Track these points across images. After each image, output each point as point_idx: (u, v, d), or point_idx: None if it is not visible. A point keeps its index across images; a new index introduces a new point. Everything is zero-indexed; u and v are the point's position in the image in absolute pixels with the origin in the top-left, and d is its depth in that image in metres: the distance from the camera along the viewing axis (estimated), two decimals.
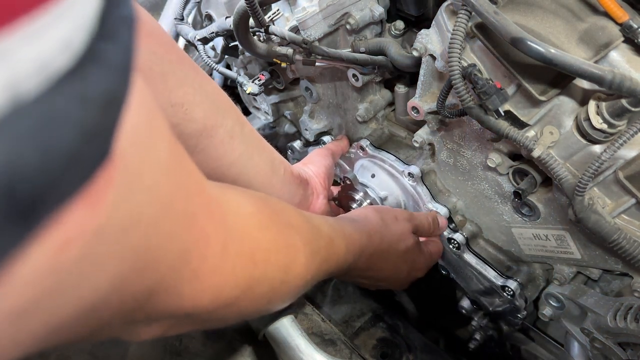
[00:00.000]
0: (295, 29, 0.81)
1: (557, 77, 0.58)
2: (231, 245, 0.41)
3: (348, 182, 0.98)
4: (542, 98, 0.58)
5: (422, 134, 0.83)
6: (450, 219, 0.88)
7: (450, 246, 0.89)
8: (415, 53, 0.70)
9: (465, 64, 0.59)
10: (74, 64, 0.20)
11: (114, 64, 0.22)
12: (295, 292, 0.55)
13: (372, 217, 0.79)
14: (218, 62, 1.05)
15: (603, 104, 0.54)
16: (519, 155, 0.71)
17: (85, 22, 0.21)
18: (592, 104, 0.56)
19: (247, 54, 1.03)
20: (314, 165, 0.98)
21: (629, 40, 0.56)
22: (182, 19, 1.04)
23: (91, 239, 0.24)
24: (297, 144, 1.17)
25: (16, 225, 0.19)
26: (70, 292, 0.25)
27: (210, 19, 1.01)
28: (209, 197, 0.40)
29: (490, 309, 0.93)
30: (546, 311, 0.81)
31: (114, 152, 0.24)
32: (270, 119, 1.17)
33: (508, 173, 0.74)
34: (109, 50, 0.22)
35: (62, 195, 0.21)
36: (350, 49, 0.83)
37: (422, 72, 0.73)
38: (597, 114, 0.55)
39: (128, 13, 0.24)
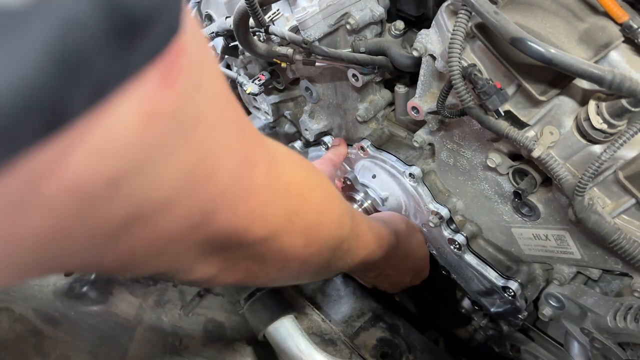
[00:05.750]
0: (295, 29, 0.81)
1: (557, 77, 0.58)
2: (274, 170, 0.42)
3: (348, 182, 0.98)
4: (542, 98, 0.58)
5: (422, 134, 0.83)
6: (450, 220, 0.88)
7: (452, 247, 0.89)
8: (415, 53, 0.70)
9: (465, 64, 0.59)
10: None
11: None
12: (330, 247, 0.56)
13: (399, 222, 0.83)
14: (218, 62, 1.05)
15: (603, 104, 0.54)
16: (519, 155, 0.71)
17: None
18: (592, 104, 0.56)
19: (247, 54, 1.03)
20: None
21: (629, 40, 0.56)
22: None
23: (168, 121, 0.26)
24: (297, 144, 1.17)
25: (122, 42, 0.21)
26: (150, 176, 0.27)
27: (210, 19, 1.01)
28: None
29: (491, 309, 0.93)
30: (546, 311, 0.81)
31: (181, 34, 0.25)
32: (270, 119, 1.17)
33: (508, 173, 0.74)
34: None
35: (154, 38, 0.23)
36: (350, 49, 0.83)
37: (422, 72, 0.73)
38: (597, 114, 0.55)
39: None
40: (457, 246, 0.88)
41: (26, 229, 0.23)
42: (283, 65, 0.84)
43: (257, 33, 0.81)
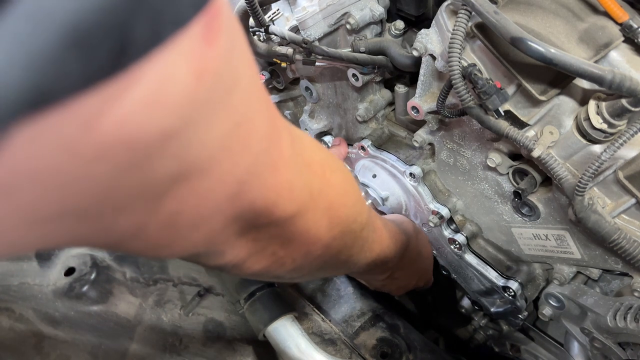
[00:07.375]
0: (295, 29, 0.81)
1: (557, 77, 0.58)
2: (296, 146, 0.43)
3: None
4: (542, 98, 0.58)
5: (422, 134, 0.83)
6: (450, 219, 0.88)
7: (452, 247, 0.89)
8: (415, 53, 0.70)
9: (465, 64, 0.59)
10: None
11: None
12: (352, 231, 0.56)
13: (407, 223, 0.85)
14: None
15: (603, 104, 0.54)
16: (519, 155, 0.71)
17: None
18: (592, 104, 0.56)
19: None
20: None
21: (629, 40, 0.56)
22: None
23: (213, 80, 0.27)
24: None
25: None
26: (196, 135, 0.28)
27: None
28: None
29: (491, 309, 0.93)
30: (546, 311, 0.81)
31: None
32: None
33: (508, 173, 0.74)
34: None
35: None
36: (350, 49, 0.83)
37: (422, 72, 0.73)
38: (597, 113, 0.55)
39: None
40: (458, 246, 0.88)
41: (82, 174, 0.23)
42: (283, 65, 0.84)
43: (257, 33, 0.81)
